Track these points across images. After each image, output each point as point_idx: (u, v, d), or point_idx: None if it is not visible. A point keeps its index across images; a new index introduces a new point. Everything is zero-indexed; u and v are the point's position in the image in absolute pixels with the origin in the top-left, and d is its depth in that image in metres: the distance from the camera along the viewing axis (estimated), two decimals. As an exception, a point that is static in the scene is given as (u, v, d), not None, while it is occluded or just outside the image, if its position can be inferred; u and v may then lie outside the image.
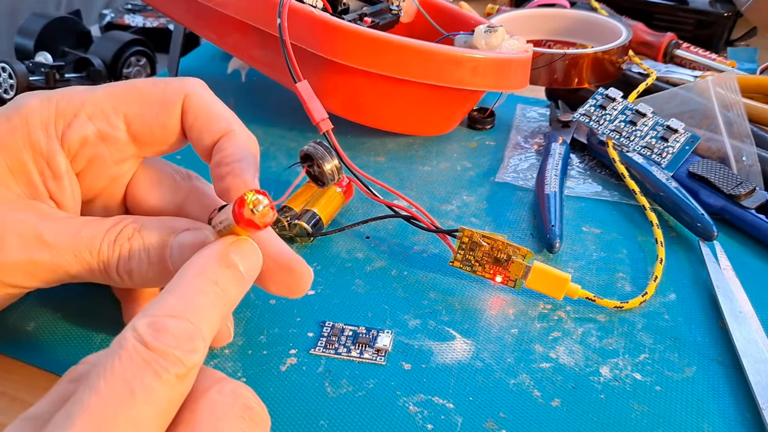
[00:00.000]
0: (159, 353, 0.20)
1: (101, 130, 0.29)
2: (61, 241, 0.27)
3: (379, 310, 0.36)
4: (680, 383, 0.32)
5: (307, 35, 0.45)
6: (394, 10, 0.56)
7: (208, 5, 0.50)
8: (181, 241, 0.28)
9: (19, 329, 0.34)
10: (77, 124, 0.29)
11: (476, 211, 0.46)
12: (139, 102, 0.30)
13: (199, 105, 0.30)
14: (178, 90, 0.30)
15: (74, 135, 0.29)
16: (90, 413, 0.19)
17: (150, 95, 0.30)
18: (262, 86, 0.62)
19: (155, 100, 0.30)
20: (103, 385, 0.19)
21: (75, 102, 0.29)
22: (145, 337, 0.20)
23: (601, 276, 0.40)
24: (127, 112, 0.29)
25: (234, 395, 0.22)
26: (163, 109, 0.30)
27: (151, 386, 0.20)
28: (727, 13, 0.71)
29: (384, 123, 0.51)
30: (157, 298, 0.22)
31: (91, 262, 0.28)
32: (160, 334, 0.21)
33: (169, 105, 0.30)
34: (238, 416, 0.22)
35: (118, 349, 0.20)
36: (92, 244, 0.27)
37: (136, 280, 0.28)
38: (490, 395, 0.31)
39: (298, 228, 0.40)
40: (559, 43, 0.67)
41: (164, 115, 0.30)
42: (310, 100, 0.39)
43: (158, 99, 0.30)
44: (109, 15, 0.78)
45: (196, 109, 0.30)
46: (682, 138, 0.48)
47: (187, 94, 0.30)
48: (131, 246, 0.28)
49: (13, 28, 0.71)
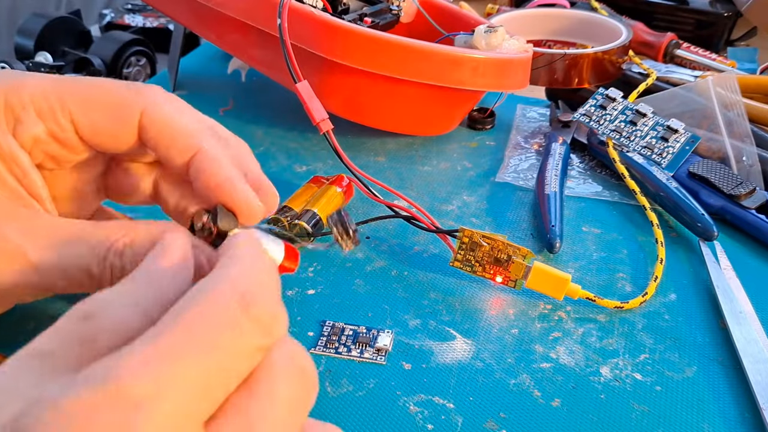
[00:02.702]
0: (253, 318, 0.19)
1: (50, 129, 0.27)
2: (47, 260, 0.26)
3: (379, 310, 0.36)
4: (680, 383, 0.32)
5: (307, 35, 0.45)
6: (394, 10, 0.56)
7: (208, 5, 0.50)
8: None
9: (19, 329, 0.34)
10: (27, 122, 0.27)
11: (476, 211, 0.46)
12: (90, 106, 0.27)
13: (160, 121, 0.27)
14: (135, 102, 0.27)
15: (25, 134, 0.27)
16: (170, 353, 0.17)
17: (102, 102, 0.27)
18: (262, 86, 0.62)
19: (107, 109, 0.27)
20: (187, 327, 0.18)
21: (23, 96, 0.27)
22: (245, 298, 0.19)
23: (601, 276, 0.40)
24: (76, 115, 0.27)
25: (291, 356, 0.20)
26: (115, 121, 0.27)
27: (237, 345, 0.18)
28: (727, 13, 0.71)
29: (384, 123, 0.51)
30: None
31: (81, 280, 0.26)
32: (255, 301, 0.19)
33: (123, 117, 0.27)
34: (295, 377, 0.20)
35: (206, 299, 0.19)
36: (80, 261, 0.26)
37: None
38: (491, 395, 0.31)
39: (298, 228, 0.40)
40: (559, 43, 0.67)
41: (116, 126, 0.27)
42: (310, 100, 0.39)
43: (111, 108, 0.27)
44: (109, 15, 0.78)
45: (157, 126, 0.27)
46: (682, 138, 0.48)
47: (144, 108, 0.27)
48: (123, 263, 0.26)
49: (13, 28, 0.71)
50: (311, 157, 0.52)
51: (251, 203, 0.28)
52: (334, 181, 0.44)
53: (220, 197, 0.27)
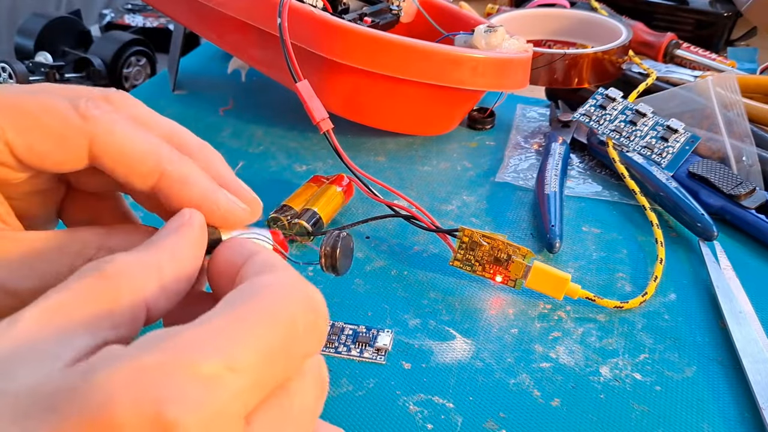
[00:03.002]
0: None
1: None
2: (23, 285, 0.23)
3: (379, 310, 0.36)
4: (680, 383, 0.32)
5: (308, 35, 0.45)
6: (394, 10, 0.56)
7: (208, 5, 0.50)
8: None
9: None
10: None
11: (476, 211, 0.46)
12: (26, 127, 0.23)
13: (113, 150, 0.23)
14: (80, 131, 0.23)
15: None
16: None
17: (42, 125, 0.23)
18: (262, 86, 0.62)
19: (49, 133, 0.23)
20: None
21: None
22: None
23: (601, 276, 0.40)
24: (9, 133, 0.23)
25: (318, 365, 0.20)
26: (58, 148, 0.23)
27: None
28: (727, 13, 0.71)
29: (384, 123, 0.51)
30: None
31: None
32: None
33: (67, 146, 0.23)
34: (319, 384, 0.20)
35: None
36: (57, 281, 0.21)
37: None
38: (490, 395, 0.31)
39: (298, 227, 0.40)
40: (559, 43, 0.67)
41: (60, 154, 0.23)
42: (311, 99, 0.39)
43: (53, 133, 0.23)
44: (109, 15, 0.78)
45: (109, 155, 0.23)
46: (682, 138, 0.48)
47: (93, 137, 0.23)
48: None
49: (13, 28, 0.71)
50: (311, 157, 0.52)
51: (233, 210, 0.25)
52: (334, 180, 0.44)
53: (204, 213, 0.24)
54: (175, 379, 0.15)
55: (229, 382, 0.16)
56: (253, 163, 0.36)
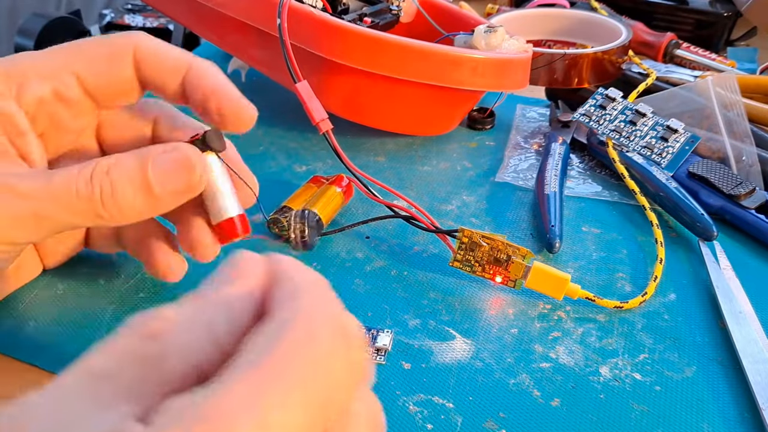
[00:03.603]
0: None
1: (55, 89, 0.30)
2: (35, 190, 0.27)
3: (379, 310, 0.36)
4: (680, 383, 0.32)
5: (307, 35, 0.45)
6: (394, 10, 0.56)
7: (208, 5, 0.50)
8: (162, 163, 0.28)
9: (19, 329, 0.34)
10: (30, 86, 0.29)
11: (476, 211, 0.46)
12: (89, 58, 0.30)
13: (153, 53, 0.31)
14: (126, 43, 0.30)
15: (30, 96, 0.29)
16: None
17: (98, 51, 0.30)
18: (262, 86, 0.62)
19: (104, 56, 0.30)
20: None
21: (23, 65, 0.29)
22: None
23: (601, 276, 0.40)
24: (78, 69, 0.30)
25: (371, 409, 0.19)
26: (114, 63, 0.30)
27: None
28: (727, 13, 0.71)
29: (384, 123, 0.51)
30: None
31: (71, 203, 0.27)
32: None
33: (119, 58, 0.30)
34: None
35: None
36: (68, 186, 0.27)
37: (127, 212, 0.28)
38: (490, 395, 0.31)
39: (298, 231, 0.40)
40: (559, 43, 0.67)
41: (116, 68, 0.30)
42: (310, 100, 0.39)
43: (107, 54, 0.30)
44: (109, 15, 0.78)
45: (150, 58, 0.31)
46: (682, 138, 0.48)
47: (135, 45, 0.30)
48: (111, 179, 0.28)
49: (13, 28, 0.71)
50: (311, 157, 0.52)
51: (245, 105, 0.31)
52: (334, 181, 0.44)
53: (216, 102, 0.30)
54: None
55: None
56: (252, 164, 0.36)
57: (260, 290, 0.19)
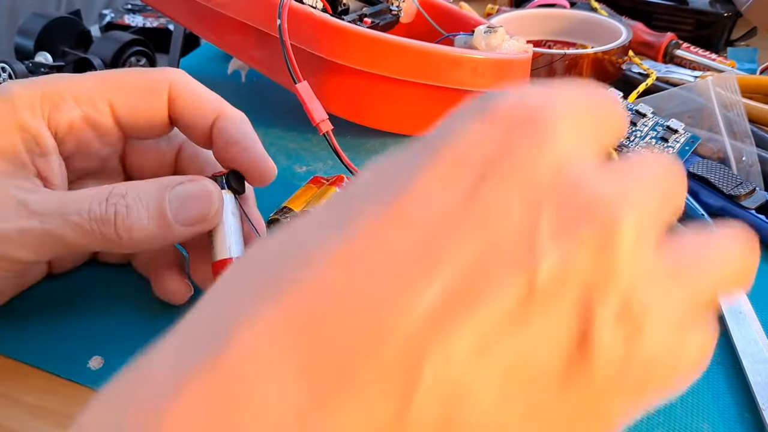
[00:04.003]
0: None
1: (88, 114, 0.30)
2: (47, 207, 0.27)
3: (379, 311, 0.36)
4: (680, 384, 0.32)
5: (307, 36, 0.45)
6: (394, 10, 0.56)
7: (207, 6, 0.50)
8: (181, 192, 0.29)
9: (19, 329, 0.34)
10: (64, 108, 0.29)
11: (476, 211, 0.46)
12: (125, 89, 0.31)
13: (187, 92, 0.31)
14: (163, 79, 0.31)
15: (62, 118, 0.29)
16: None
17: (135, 83, 0.31)
18: (262, 87, 0.62)
19: (141, 88, 0.31)
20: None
21: (60, 87, 0.30)
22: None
23: (601, 276, 0.39)
24: (113, 98, 0.30)
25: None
26: (149, 97, 0.31)
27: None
28: (727, 13, 0.71)
29: (384, 123, 0.51)
30: None
31: (82, 224, 0.27)
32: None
33: (155, 93, 0.31)
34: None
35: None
36: (80, 206, 0.27)
37: (137, 236, 0.28)
38: (490, 396, 0.31)
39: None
40: (559, 43, 0.67)
41: (151, 102, 0.31)
42: (310, 100, 0.39)
43: (144, 87, 0.31)
44: (109, 15, 0.78)
45: (185, 96, 0.31)
46: (682, 138, 0.48)
47: (172, 82, 0.31)
48: (127, 202, 0.28)
49: (13, 28, 0.71)
50: (311, 158, 0.52)
51: (268, 161, 0.32)
52: (334, 181, 0.44)
53: (241, 153, 0.31)
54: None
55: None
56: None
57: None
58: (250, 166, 0.31)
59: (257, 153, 0.31)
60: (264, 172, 0.32)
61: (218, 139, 0.31)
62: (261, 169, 0.32)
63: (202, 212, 0.29)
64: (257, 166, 0.32)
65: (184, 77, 0.32)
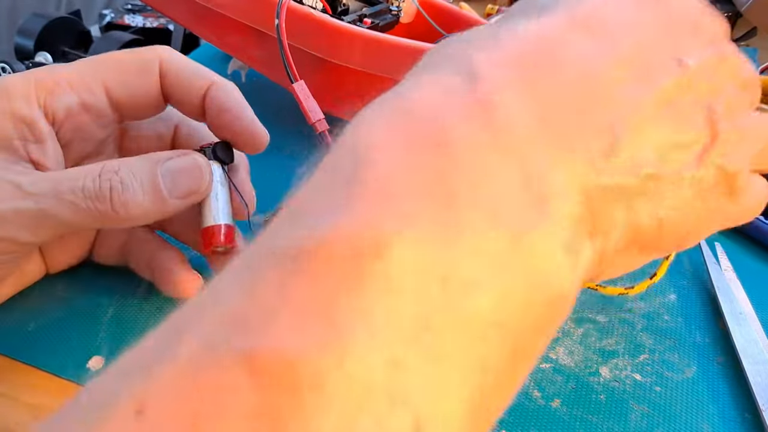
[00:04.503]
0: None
1: (83, 98, 0.30)
2: (41, 188, 0.28)
3: (379, 311, 0.36)
4: (680, 384, 0.32)
5: (307, 36, 0.45)
6: (394, 10, 0.56)
7: (207, 6, 0.50)
8: (172, 167, 0.29)
9: (19, 329, 0.34)
10: (60, 94, 0.30)
11: (476, 211, 0.46)
12: (118, 70, 0.31)
13: (178, 66, 0.32)
14: (153, 56, 0.31)
15: (58, 103, 0.30)
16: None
17: (127, 63, 0.31)
18: (262, 87, 0.62)
19: (133, 68, 0.31)
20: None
21: (54, 74, 0.30)
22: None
23: (601, 276, 0.40)
24: (107, 80, 0.31)
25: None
26: (141, 75, 0.31)
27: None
28: (727, 13, 0.71)
29: (384, 123, 0.51)
30: None
31: (76, 202, 0.28)
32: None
33: (147, 70, 0.31)
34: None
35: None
36: (74, 183, 0.28)
37: (134, 212, 0.28)
38: (490, 396, 0.31)
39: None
40: (559, 44, 0.67)
41: (144, 80, 0.31)
42: (306, 100, 0.39)
43: (136, 66, 0.31)
44: (109, 15, 0.78)
45: (175, 71, 0.32)
46: (682, 138, 0.48)
47: (161, 59, 0.31)
48: (121, 177, 0.28)
49: (13, 28, 0.71)
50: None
51: (259, 127, 0.32)
52: (334, 181, 0.44)
53: (233, 120, 0.31)
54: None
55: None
56: (251, 164, 0.36)
57: None
58: (243, 132, 0.32)
59: (249, 119, 0.32)
60: (256, 138, 0.33)
61: (210, 108, 0.32)
62: (253, 135, 0.32)
63: (193, 185, 0.30)
64: (249, 132, 0.32)
65: (173, 53, 0.32)
